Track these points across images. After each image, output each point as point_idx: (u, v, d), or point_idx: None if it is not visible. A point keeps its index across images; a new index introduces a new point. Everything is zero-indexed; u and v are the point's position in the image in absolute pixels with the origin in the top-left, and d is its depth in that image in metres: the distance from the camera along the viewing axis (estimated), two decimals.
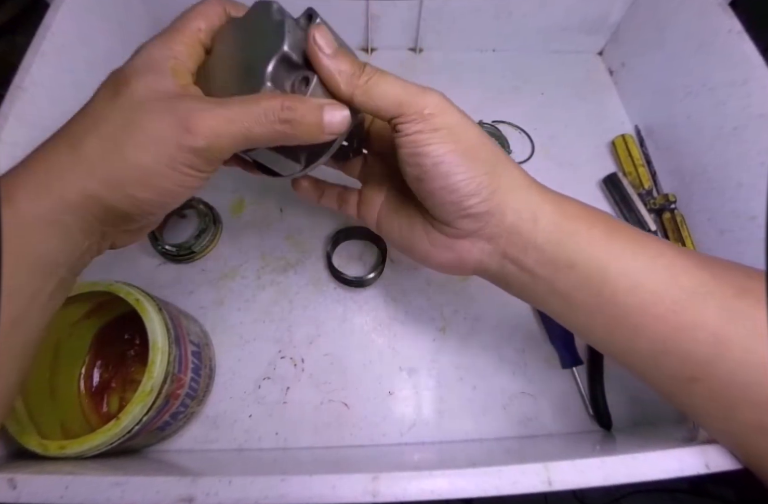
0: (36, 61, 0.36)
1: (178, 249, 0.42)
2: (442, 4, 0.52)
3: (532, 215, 0.26)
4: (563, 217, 0.26)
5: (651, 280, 0.24)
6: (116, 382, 0.36)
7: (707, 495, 0.63)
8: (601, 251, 0.25)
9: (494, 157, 0.26)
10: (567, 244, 0.25)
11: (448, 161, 0.25)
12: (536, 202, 0.26)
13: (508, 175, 0.27)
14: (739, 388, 0.21)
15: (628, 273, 0.24)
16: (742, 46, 0.40)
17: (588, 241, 0.25)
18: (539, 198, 0.27)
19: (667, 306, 0.23)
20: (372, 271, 0.41)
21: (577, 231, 0.25)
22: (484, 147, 0.26)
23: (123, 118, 0.22)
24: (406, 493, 0.22)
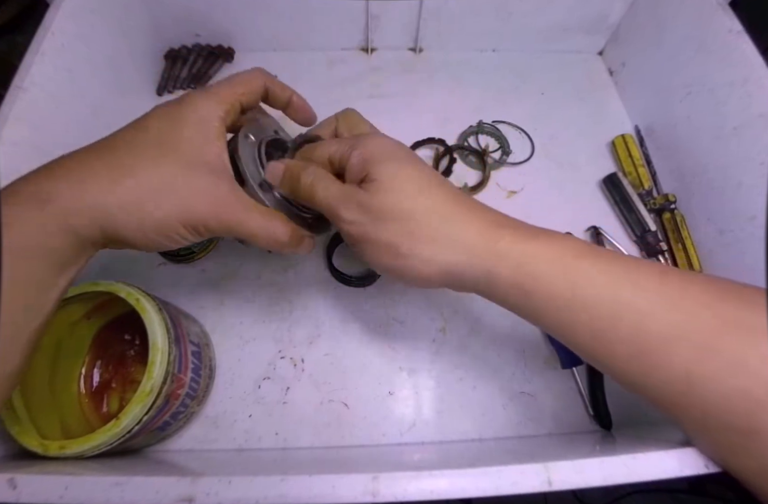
0: (36, 61, 0.36)
1: (178, 249, 0.42)
2: (442, 4, 0.52)
3: (487, 282, 0.27)
4: (523, 276, 0.25)
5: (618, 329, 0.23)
6: (116, 382, 0.36)
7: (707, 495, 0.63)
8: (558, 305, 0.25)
9: (429, 241, 0.26)
10: (528, 303, 0.26)
11: (378, 268, 0.29)
12: (489, 269, 0.26)
13: (451, 252, 0.26)
14: (709, 418, 0.22)
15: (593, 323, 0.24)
16: (742, 46, 0.40)
17: (547, 299, 0.25)
18: (493, 262, 0.26)
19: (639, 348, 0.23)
20: (372, 271, 0.41)
21: (536, 291, 0.25)
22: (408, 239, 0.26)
23: (164, 172, 0.25)
24: (406, 493, 0.22)
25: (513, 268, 0.25)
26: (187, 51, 0.55)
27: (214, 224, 0.26)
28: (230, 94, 0.28)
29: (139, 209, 0.25)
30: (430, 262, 0.26)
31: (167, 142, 0.26)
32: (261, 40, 0.56)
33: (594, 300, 0.24)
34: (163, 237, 0.26)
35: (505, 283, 0.26)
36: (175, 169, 0.26)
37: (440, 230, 0.26)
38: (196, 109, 0.27)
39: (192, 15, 0.53)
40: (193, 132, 0.26)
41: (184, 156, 0.26)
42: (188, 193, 0.26)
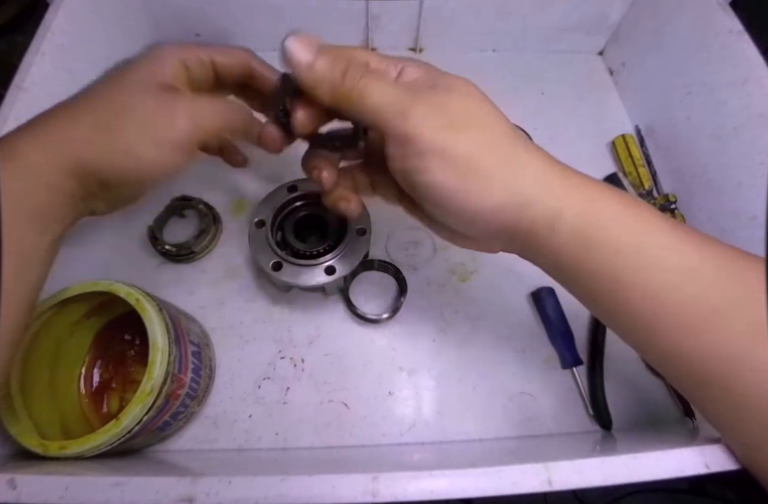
0: (36, 61, 0.36)
1: (178, 249, 0.42)
2: (442, 4, 0.52)
3: (549, 224, 0.23)
4: (586, 224, 0.23)
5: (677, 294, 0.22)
6: (116, 382, 0.36)
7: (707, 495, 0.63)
8: (625, 262, 0.23)
9: (503, 161, 0.23)
10: (588, 254, 0.23)
11: (442, 189, 0.23)
12: (555, 208, 0.23)
13: (521, 178, 0.23)
14: (751, 398, 0.21)
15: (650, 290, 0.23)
16: (742, 46, 0.40)
17: (613, 252, 0.23)
18: (559, 202, 0.23)
19: (695, 322, 0.22)
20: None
21: (600, 241, 0.23)
22: (487, 154, 0.23)
23: (119, 97, 0.26)
24: (406, 493, 0.22)
25: (580, 213, 0.23)
26: None
27: (177, 134, 0.26)
28: (195, 47, 0.29)
29: (104, 138, 0.25)
30: (507, 187, 0.23)
31: (120, 79, 0.27)
32: (261, 40, 0.55)
33: (660, 258, 0.22)
34: (136, 160, 0.26)
35: (570, 230, 0.23)
36: (129, 94, 0.26)
37: (522, 152, 0.24)
38: (150, 51, 0.28)
39: (192, 15, 0.53)
40: (145, 67, 0.27)
41: (135, 83, 0.26)
42: (144, 110, 0.26)
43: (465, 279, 0.44)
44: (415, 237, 0.45)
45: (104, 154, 0.25)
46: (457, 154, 0.23)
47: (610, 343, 0.40)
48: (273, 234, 0.38)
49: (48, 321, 0.31)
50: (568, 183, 0.24)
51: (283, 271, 0.36)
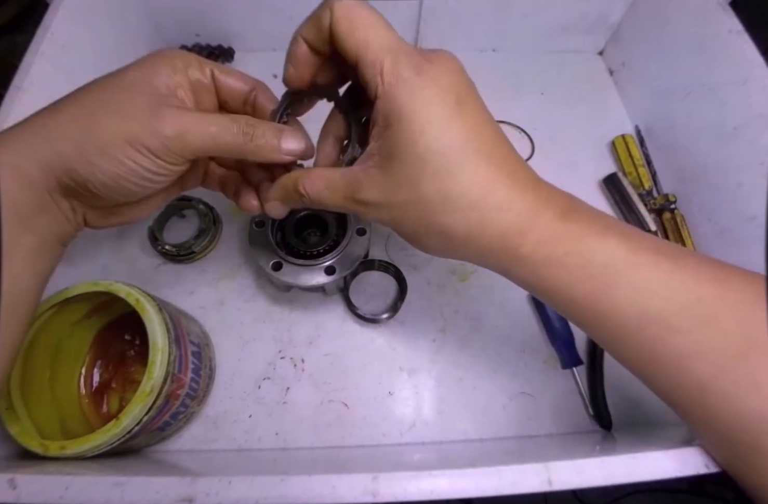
0: (36, 61, 0.36)
1: (178, 249, 0.42)
2: (442, 4, 0.52)
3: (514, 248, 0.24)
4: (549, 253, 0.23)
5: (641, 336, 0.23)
6: (116, 382, 0.36)
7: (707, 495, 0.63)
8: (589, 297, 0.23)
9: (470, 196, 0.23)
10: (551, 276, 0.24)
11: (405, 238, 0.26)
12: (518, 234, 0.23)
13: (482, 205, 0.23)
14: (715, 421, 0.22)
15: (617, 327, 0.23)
16: (742, 46, 0.40)
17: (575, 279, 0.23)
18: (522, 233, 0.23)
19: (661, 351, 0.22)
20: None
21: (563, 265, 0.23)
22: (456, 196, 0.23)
23: (104, 93, 0.25)
24: (405, 493, 0.22)
25: (534, 263, 0.24)
26: (187, 51, 0.55)
27: (157, 141, 0.24)
28: (199, 57, 0.28)
29: (81, 132, 0.24)
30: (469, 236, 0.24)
31: (111, 78, 0.26)
32: (261, 40, 0.56)
33: (622, 303, 0.22)
34: (113, 162, 0.24)
35: (525, 272, 0.24)
36: (114, 92, 0.25)
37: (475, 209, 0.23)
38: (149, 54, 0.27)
39: (192, 15, 0.53)
40: (139, 68, 0.26)
41: (125, 82, 0.25)
42: (126, 108, 0.24)
43: (465, 279, 0.44)
44: None
45: (80, 150, 0.24)
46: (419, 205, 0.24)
47: None
48: (273, 234, 0.38)
49: (48, 321, 0.31)
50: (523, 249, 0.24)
51: (283, 271, 0.36)
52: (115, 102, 0.25)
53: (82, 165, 0.24)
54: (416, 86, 0.22)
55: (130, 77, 0.26)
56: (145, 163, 0.24)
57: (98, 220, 0.28)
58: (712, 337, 0.21)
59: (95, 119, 0.24)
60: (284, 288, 0.42)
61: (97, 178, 0.24)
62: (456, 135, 0.22)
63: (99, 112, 0.24)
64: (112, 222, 0.29)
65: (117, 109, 0.24)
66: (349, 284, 0.41)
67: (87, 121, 0.24)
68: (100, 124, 0.24)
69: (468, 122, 0.23)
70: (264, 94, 0.29)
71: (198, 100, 0.28)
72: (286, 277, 0.36)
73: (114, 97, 0.25)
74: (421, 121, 0.22)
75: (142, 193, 0.27)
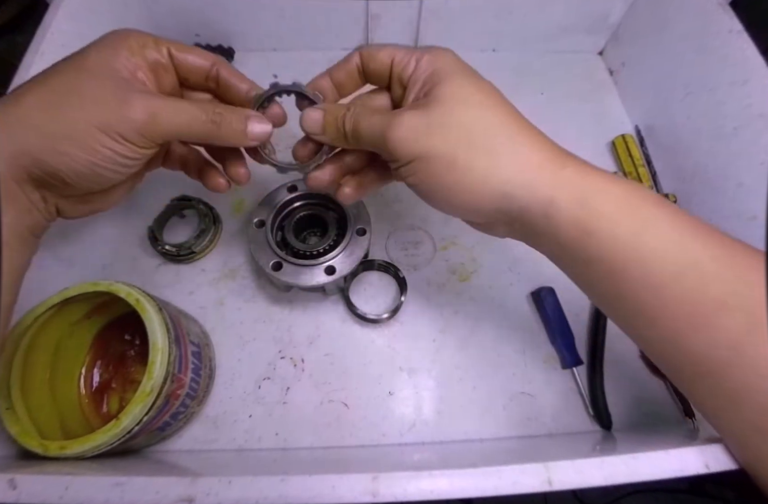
0: (36, 61, 0.36)
1: (178, 249, 0.42)
2: (442, 3, 0.52)
3: (542, 212, 0.24)
4: (582, 213, 0.23)
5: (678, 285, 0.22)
6: (116, 382, 0.36)
7: (707, 495, 0.63)
8: (624, 255, 0.23)
9: (481, 154, 0.24)
10: (586, 242, 0.24)
11: (428, 187, 0.26)
12: (546, 197, 0.24)
13: (503, 169, 0.24)
14: (748, 390, 0.21)
15: (649, 282, 0.23)
16: (742, 46, 0.40)
17: (611, 244, 0.23)
18: (550, 191, 0.24)
19: (693, 314, 0.22)
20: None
21: (598, 230, 0.23)
22: (464, 150, 0.24)
23: (68, 78, 0.25)
24: (405, 493, 0.22)
25: (576, 201, 0.23)
26: None
27: (128, 126, 0.24)
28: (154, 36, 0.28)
29: (47, 119, 0.24)
30: (487, 178, 0.24)
31: (74, 61, 0.26)
32: (261, 40, 0.56)
33: (660, 250, 0.22)
34: (87, 149, 0.24)
35: (565, 217, 0.23)
36: (79, 76, 0.25)
37: (503, 144, 0.24)
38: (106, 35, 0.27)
39: (192, 15, 0.53)
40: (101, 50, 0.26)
41: (90, 64, 0.25)
42: (92, 94, 0.24)
43: (465, 279, 0.44)
44: (415, 237, 0.45)
45: (48, 140, 0.24)
46: (438, 153, 0.25)
47: (610, 343, 0.40)
48: (273, 234, 0.38)
49: (48, 321, 0.31)
50: (561, 171, 0.24)
51: (283, 271, 0.36)
52: (79, 87, 0.24)
53: (52, 155, 0.24)
54: (450, 57, 0.27)
55: (91, 61, 0.25)
56: (119, 148, 0.25)
57: (71, 210, 0.28)
58: (746, 289, 0.21)
59: (61, 107, 0.24)
60: (284, 288, 0.41)
61: (70, 167, 0.24)
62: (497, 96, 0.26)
63: (64, 98, 0.24)
64: (85, 211, 0.29)
65: (83, 95, 0.24)
66: (349, 284, 0.41)
67: (53, 109, 0.24)
68: (66, 111, 0.24)
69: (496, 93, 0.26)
70: (226, 68, 0.29)
71: (158, 81, 0.28)
72: (286, 277, 0.36)
73: (78, 83, 0.24)
74: (465, 75, 0.26)
75: (116, 179, 0.27)
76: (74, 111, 0.24)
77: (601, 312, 0.41)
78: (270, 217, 0.38)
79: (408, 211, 0.47)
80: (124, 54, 0.26)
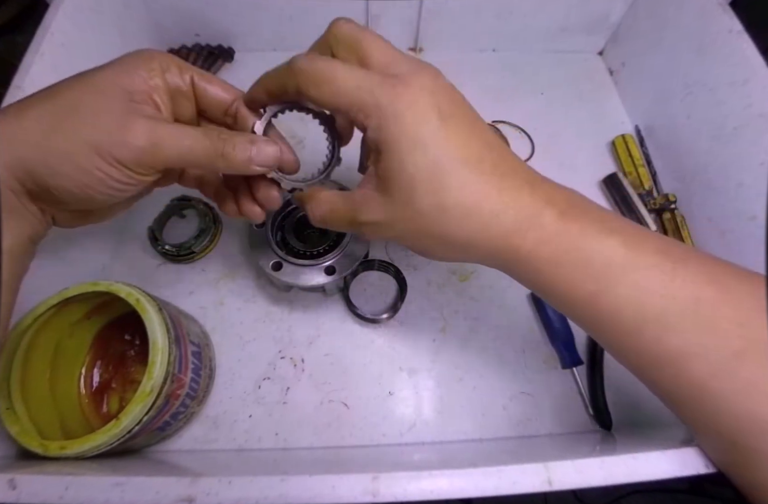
0: (36, 61, 0.36)
1: (178, 249, 0.42)
2: (442, 4, 0.52)
3: (513, 263, 0.25)
4: (540, 275, 0.24)
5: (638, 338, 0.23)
6: (116, 382, 0.36)
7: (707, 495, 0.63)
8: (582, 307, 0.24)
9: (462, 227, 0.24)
10: (549, 295, 0.25)
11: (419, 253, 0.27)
12: (512, 257, 0.24)
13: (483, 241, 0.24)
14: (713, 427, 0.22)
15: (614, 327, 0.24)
16: (742, 46, 0.40)
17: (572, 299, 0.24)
18: (518, 253, 0.24)
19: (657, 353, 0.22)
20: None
21: (558, 293, 0.24)
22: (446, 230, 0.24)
23: (74, 94, 0.24)
24: (406, 493, 0.22)
25: (543, 260, 0.24)
26: (187, 51, 0.55)
27: (126, 152, 0.23)
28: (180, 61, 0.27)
29: (46, 134, 0.23)
30: (465, 251, 0.26)
31: (84, 77, 0.25)
32: (261, 40, 0.56)
33: (617, 309, 0.23)
34: (79, 171, 0.23)
35: (531, 275, 0.25)
36: (86, 94, 0.24)
37: (471, 221, 0.24)
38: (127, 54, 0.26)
39: (192, 15, 0.53)
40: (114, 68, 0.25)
41: (98, 82, 0.24)
42: (95, 114, 0.23)
43: (465, 279, 0.44)
44: None
45: (42, 152, 0.23)
46: (406, 241, 0.26)
47: None
48: (273, 234, 0.38)
49: (48, 321, 0.31)
50: (528, 233, 0.24)
51: (283, 271, 0.36)
52: (84, 106, 0.23)
53: (45, 170, 0.23)
54: (397, 112, 0.22)
55: (102, 79, 0.24)
56: (114, 173, 0.24)
57: (68, 222, 0.28)
58: (710, 338, 0.21)
59: (61, 124, 0.23)
60: (284, 288, 0.41)
61: (61, 185, 0.24)
62: (442, 150, 0.23)
63: (66, 116, 0.23)
64: (82, 223, 0.29)
65: (85, 114, 0.23)
66: (349, 284, 0.41)
67: (52, 126, 0.23)
68: (66, 130, 0.23)
69: (453, 135, 0.23)
70: (245, 107, 0.28)
71: (175, 107, 0.27)
72: (286, 277, 0.36)
73: (83, 101, 0.23)
74: (407, 142, 0.23)
75: (110, 201, 0.26)
76: (73, 129, 0.23)
77: None
78: (270, 217, 0.38)
79: None
80: (142, 75, 0.25)
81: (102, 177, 0.24)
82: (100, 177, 0.24)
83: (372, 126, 0.23)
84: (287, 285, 0.38)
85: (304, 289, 0.41)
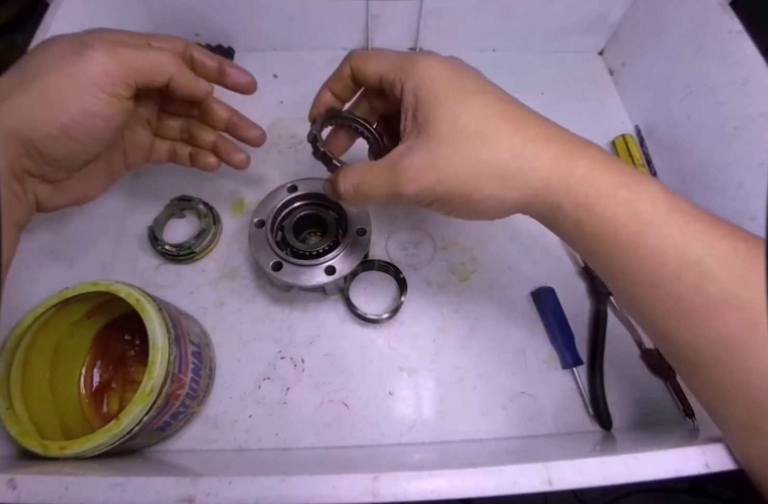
0: None
1: (178, 249, 0.42)
2: (442, 4, 0.52)
3: (551, 213, 0.26)
4: (586, 215, 0.25)
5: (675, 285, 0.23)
6: (116, 382, 0.36)
7: (707, 495, 0.63)
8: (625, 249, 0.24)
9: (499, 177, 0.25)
10: (588, 240, 0.25)
11: (455, 215, 0.28)
12: (555, 202, 0.25)
13: (522, 187, 0.25)
14: (740, 387, 0.22)
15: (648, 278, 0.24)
16: (742, 46, 0.40)
17: (612, 240, 0.24)
18: (559, 196, 0.25)
19: (691, 311, 0.22)
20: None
21: (599, 233, 0.24)
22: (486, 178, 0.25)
23: (36, 56, 0.27)
24: (406, 493, 0.22)
25: (581, 206, 0.24)
26: None
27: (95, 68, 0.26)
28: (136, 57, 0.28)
29: (21, 88, 0.25)
30: (501, 201, 0.26)
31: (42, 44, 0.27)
32: (261, 40, 0.56)
33: (659, 250, 0.23)
34: (52, 108, 0.25)
35: (571, 219, 0.25)
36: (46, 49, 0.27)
37: (509, 165, 0.25)
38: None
39: (192, 15, 0.53)
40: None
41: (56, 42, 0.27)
42: (56, 53, 0.26)
43: (465, 279, 0.44)
44: (415, 237, 0.45)
45: (16, 108, 0.24)
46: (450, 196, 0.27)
47: (610, 343, 0.40)
48: (273, 234, 0.38)
49: (48, 321, 0.31)
50: (569, 178, 0.25)
51: (283, 271, 0.36)
52: (44, 55, 0.26)
53: (24, 123, 0.24)
54: (436, 72, 0.27)
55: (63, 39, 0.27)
56: (97, 98, 0.26)
57: (49, 200, 0.28)
58: (746, 291, 0.21)
59: (27, 77, 0.25)
60: (284, 288, 0.41)
61: (43, 133, 0.25)
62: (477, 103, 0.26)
63: (32, 70, 0.26)
64: (62, 201, 0.30)
65: (46, 58, 0.26)
66: (349, 284, 0.41)
67: (22, 82, 0.25)
68: (34, 79, 0.25)
69: (492, 86, 0.28)
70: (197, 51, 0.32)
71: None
72: (286, 277, 0.36)
73: (44, 53, 0.26)
74: (448, 95, 0.26)
75: (90, 145, 0.27)
76: (40, 75, 0.25)
77: (601, 312, 0.41)
78: (270, 217, 0.38)
79: (408, 211, 0.47)
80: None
81: (87, 105, 0.26)
82: (85, 106, 0.26)
83: (410, 86, 0.27)
84: (287, 285, 0.38)
85: (304, 289, 0.41)
